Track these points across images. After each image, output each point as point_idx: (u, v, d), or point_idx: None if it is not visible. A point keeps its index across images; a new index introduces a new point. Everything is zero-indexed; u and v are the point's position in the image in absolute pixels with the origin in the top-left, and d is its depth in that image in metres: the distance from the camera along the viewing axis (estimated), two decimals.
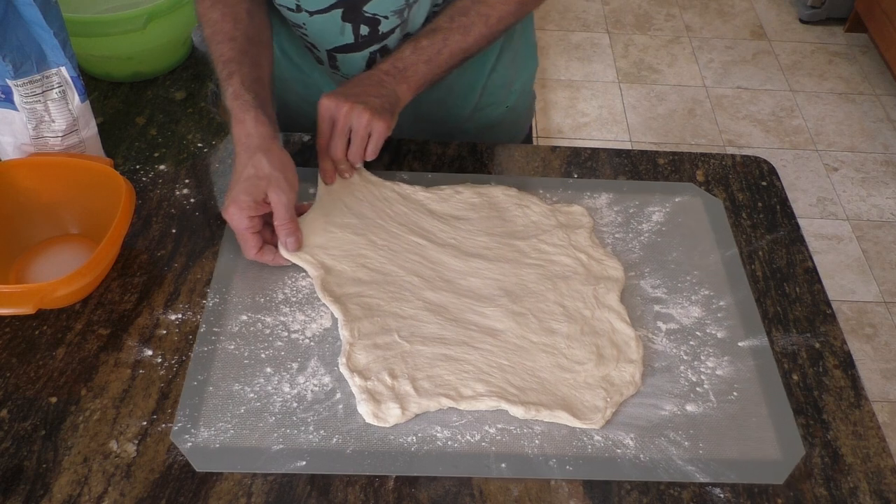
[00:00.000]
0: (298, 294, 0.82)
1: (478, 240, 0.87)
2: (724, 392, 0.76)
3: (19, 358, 0.76)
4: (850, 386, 0.79)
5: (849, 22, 3.07)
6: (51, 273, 0.84)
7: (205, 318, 0.79)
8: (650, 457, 0.71)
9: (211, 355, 0.76)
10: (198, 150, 0.98)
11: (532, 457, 0.71)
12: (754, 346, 0.80)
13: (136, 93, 1.07)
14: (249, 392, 0.73)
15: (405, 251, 0.84)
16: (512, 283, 0.83)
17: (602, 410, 0.73)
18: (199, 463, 0.69)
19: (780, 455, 0.72)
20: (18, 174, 0.86)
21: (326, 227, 0.85)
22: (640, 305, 0.83)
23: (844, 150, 2.64)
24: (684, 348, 0.80)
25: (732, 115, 2.74)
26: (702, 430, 0.73)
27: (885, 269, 2.27)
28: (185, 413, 0.72)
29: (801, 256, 0.90)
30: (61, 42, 0.83)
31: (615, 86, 2.83)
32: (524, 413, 0.72)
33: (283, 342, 0.78)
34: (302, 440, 0.70)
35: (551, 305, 0.81)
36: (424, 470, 0.69)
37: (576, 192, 0.94)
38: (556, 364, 0.76)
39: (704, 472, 0.70)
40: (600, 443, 0.72)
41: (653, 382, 0.77)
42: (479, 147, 1.00)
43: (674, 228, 0.91)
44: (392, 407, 0.72)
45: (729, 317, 0.82)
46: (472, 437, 0.72)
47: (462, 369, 0.75)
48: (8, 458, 0.69)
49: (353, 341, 0.76)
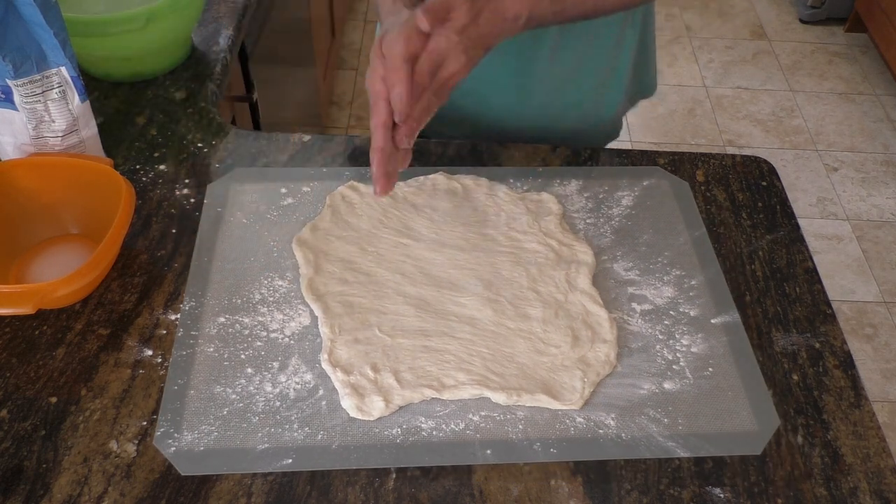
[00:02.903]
0: (275, 293, 0.82)
1: (455, 230, 0.88)
2: (699, 368, 0.77)
3: (19, 358, 0.76)
4: (850, 386, 0.79)
5: (849, 22, 3.08)
6: (51, 273, 0.84)
7: (181, 321, 0.79)
8: (631, 435, 0.72)
9: (190, 359, 0.76)
10: (198, 150, 0.98)
11: (517, 441, 0.71)
12: (726, 322, 0.82)
13: (136, 93, 1.07)
14: (231, 393, 0.73)
15: (391, 253, 0.85)
16: (486, 271, 0.84)
17: (580, 391, 0.74)
18: (184, 467, 0.69)
19: (757, 426, 0.74)
20: (18, 174, 0.86)
21: (327, 237, 0.87)
22: (615, 288, 0.85)
23: (844, 150, 2.64)
24: (659, 328, 0.81)
25: (732, 115, 2.74)
26: (680, 406, 0.74)
27: (885, 269, 2.28)
28: (166, 418, 0.71)
29: (801, 256, 0.90)
30: (61, 42, 0.83)
31: None
32: (506, 399, 0.73)
33: (262, 342, 0.78)
34: (287, 438, 0.70)
35: (525, 291, 0.82)
36: (411, 461, 0.70)
37: (546, 179, 0.96)
38: (533, 348, 0.78)
39: (684, 448, 0.71)
40: (582, 424, 0.73)
41: (630, 363, 0.78)
42: (480, 147, 1.01)
43: (643, 212, 0.93)
44: (376, 400, 0.72)
45: (700, 295, 0.84)
46: (456, 425, 0.72)
47: (443, 359, 0.76)
48: (8, 458, 0.69)
49: (334, 337, 0.77)
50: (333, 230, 0.87)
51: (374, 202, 0.90)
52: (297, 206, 0.90)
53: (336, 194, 0.91)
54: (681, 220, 0.92)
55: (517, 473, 0.70)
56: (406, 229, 0.88)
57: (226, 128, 1.02)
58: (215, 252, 0.85)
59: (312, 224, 0.88)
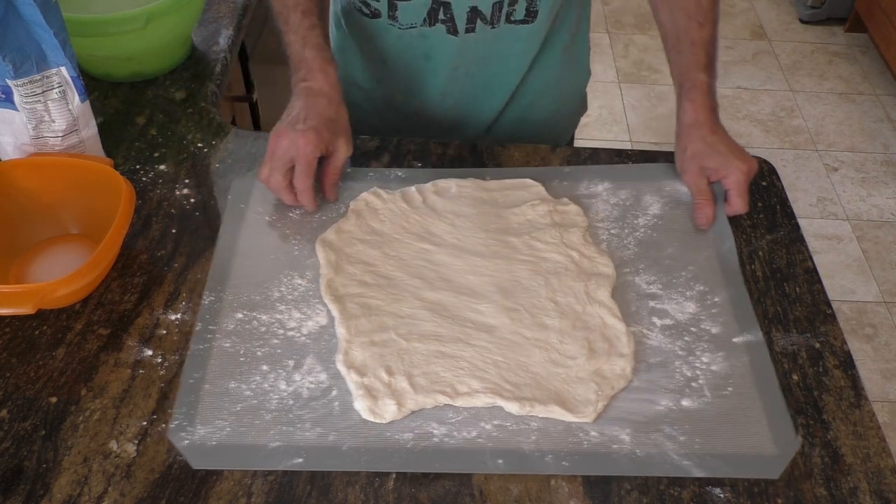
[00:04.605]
0: (294, 292, 0.82)
1: (477, 237, 0.88)
2: (719, 387, 0.76)
3: (19, 358, 0.76)
4: (850, 386, 0.79)
5: (849, 22, 3.08)
6: (51, 273, 0.84)
7: (200, 316, 0.79)
8: (646, 452, 0.71)
9: (207, 353, 0.76)
10: (198, 150, 0.98)
11: (528, 453, 0.71)
12: (749, 341, 0.80)
13: (136, 93, 1.07)
14: (246, 390, 0.73)
15: (412, 258, 0.85)
16: (505, 279, 0.83)
17: (594, 404, 0.73)
18: (196, 460, 0.69)
19: (776, 450, 0.72)
20: (18, 174, 0.86)
21: (350, 240, 0.87)
22: (635, 301, 0.84)
23: (844, 150, 2.64)
24: (679, 343, 0.80)
25: (732, 115, 2.74)
26: (697, 425, 0.73)
27: (885, 269, 2.27)
28: (181, 411, 0.72)
29: (801, 256, 0.90)
30: (61, 42, 0.83)
31: (615, 86, 2.83)
32: (519, 409, 0.73)
33: (278, 340, 0.78)
34: (299, 437, 0.70)
35: (543, 301, 0.82)
36: (422, 466, 0.69)
37: (573, 181, 0.95)
38: (548, 359, 0.77)
39: (700, 467, 0.70)
40: (596, 438, 0.72)
41: (648, 377, 0.77)
42: (479, 147, 1.01)
43: (670, 222, 0.91)
44: (389, 403, 0.72)
45: (723, 312, 0.82)
46: (468, 433, 0.72)
47: (458, 366, 0.76)
48: (8, 458, 0.69)
49: (350, 339, 0.77)
50: (357, 233, 0.87)
51: (396, 207, 0.90)
52: (320, 205, 0.90)
53: (360, 200, 0.91)
54: (708, 235, 0.90)
55: (517, 473, 0.70)
56: (428, 234, 0.88)
57: (226, 128, 1.01)
58: (237, 248, 0.85)
59: (337, 226, 0.88)
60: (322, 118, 0.87)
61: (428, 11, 0.97)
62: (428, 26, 0.98)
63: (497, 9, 0.97)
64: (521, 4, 0.98)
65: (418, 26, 0.99)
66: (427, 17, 0.98)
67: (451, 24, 0.98)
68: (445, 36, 0.99)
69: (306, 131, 0.84)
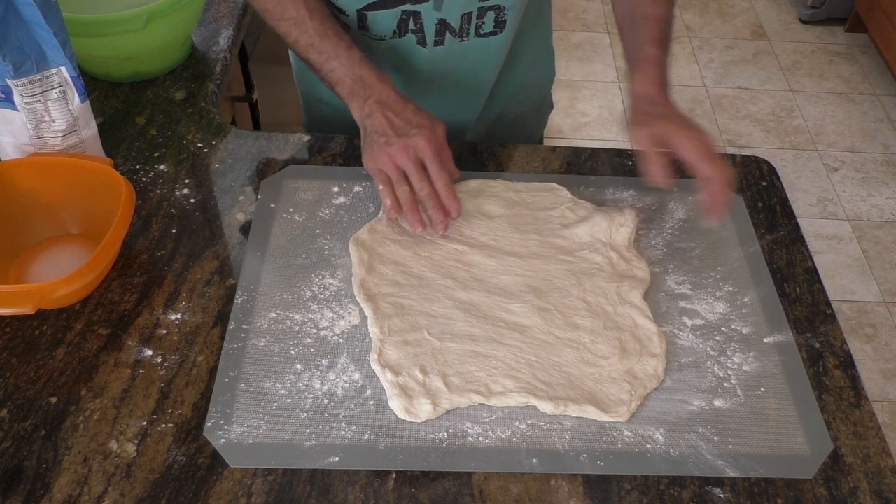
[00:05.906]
0: (326, 291, 0.82)
1: (512, 237, 0.88)
2: (751, 387, 0.77)
3: (19, 358, 0.76)
4: (850, 386, 0.79)
5: (849, 22, 3.08)
6: (51, 273, 0.84)
7: (233, 315, 0.79)
8: (680, 451, 0.71)
9: (241, 352, 0.76)
10: (198, 150, 0.98)
11: (563, 452, 0.71)
12: (779, 341, 0.81)
13: (136, 93, 1.07)
14: (280, 388, 0.74)
15: (444, 259, 0.85)
16: (538, 278, 0.84)
17: (627, 403, 0.74)
18: (233, 459, 0.69)
19: (809, 450, 0.73)
20: (18, 174, 0.86)
21: (383, 240, 0.87)
22: (666, 301, 0.84)
23: (844, 150, 2.64)
24: (710, 344, 0.80)
25: (732, 115, 2.74)
26: (730, 425, 0.73)
27: (885, 269, 2.28)
28: (217, 409, 0.72)
29: (801, 256, 0.90)
30: (61, 42, 0.83)
31: (615, 86, 2.83)
32: (553, 409, 0.73)
33: (312, 339, 0.78)
34: (334, 436, 0.71)
35: (575, 301, 0.82)
36: (457, 465, 0.70)
37: (598, 189, 0.95)
38: (581, 359, 0.77)
39: (734, 467, 0.71)
40: (630, 438, 0.72)
41: (680, 378, 0.77)
42: (479, 147, 1.01)
43: (696, 225, 0.92)
44: (423, 402, 0.72)
45: (753, 313, 0.83)
46: (502, 432, 0.72)
47: (491, 365, 0.76)
48: (8, 458, 0.69)
49: (384, 338, 0.77)
50: (389, 233, 0.87)
51: None
52: (350, 205, 0.91)
53: None
54: (734, 236, 0.91)
55: (517, 473, 0.70)
56: (461, 235, 0.88)
57: (226, 128, 1.01)
58: (268, 247, 0.86)
59: (370, 226, 0.88)
60: (414, 118, 0.86)
61: (398, 22, 0.96)
62: (398, 37, 0.98)
63: (465, 21, 0.96)
64: (489, 17, 0.97)
65: (388, 39, 0.98)
66: (397, 28, 0.97)
67: (421, 34, 0.97)
68: (415, 47, 0.99)
69: (419, 133, 0.84)
